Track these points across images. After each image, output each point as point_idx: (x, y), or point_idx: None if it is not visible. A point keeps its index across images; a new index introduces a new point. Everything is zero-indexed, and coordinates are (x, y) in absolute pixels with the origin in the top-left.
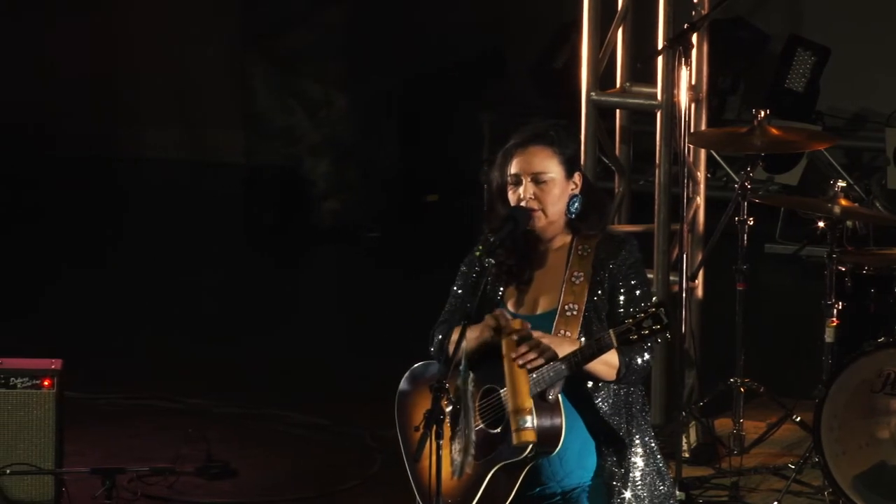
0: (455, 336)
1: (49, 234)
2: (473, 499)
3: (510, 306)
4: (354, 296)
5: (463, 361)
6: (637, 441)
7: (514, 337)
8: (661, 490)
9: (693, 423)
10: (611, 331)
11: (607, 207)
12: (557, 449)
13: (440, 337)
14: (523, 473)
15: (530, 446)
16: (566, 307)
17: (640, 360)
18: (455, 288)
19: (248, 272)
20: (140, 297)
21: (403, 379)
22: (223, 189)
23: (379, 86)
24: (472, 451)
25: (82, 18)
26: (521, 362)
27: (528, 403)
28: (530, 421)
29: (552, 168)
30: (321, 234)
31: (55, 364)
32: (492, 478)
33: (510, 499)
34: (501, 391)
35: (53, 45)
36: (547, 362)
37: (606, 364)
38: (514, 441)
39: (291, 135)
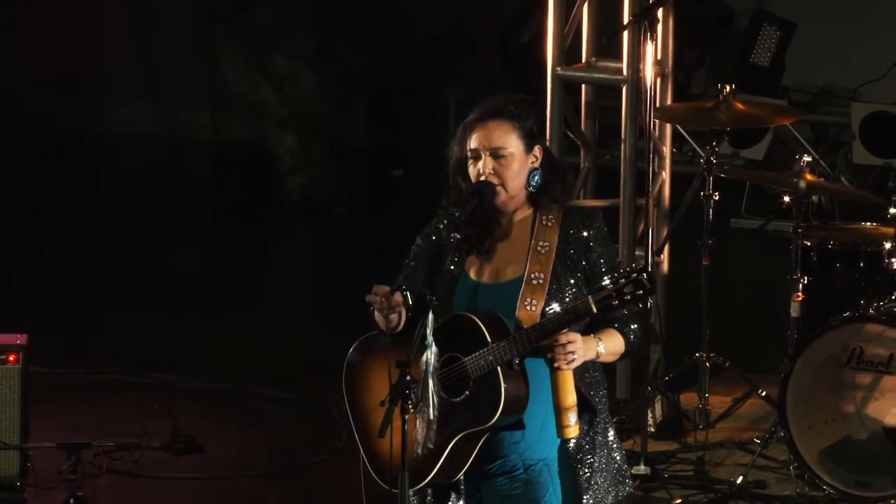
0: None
1: (14, 210)
2: (434, 468)
3: (472, 275)
4: (322, 271)
5: (429, 337)
6: (598, 415)
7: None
8: (616, 460)
9: (659, 397)
10: (589, 297)
11: (569, 180)
12: (520, 416)
13: None
14: (482, 441)
15: (498, 415)
16: (532, 276)
17: (633, 327)
18: (408, 261)
19: (217, 247)
20: (108, 273)
21: (352, 350)
22: (191, 164)
23: (346, 61)
24: (434, 425)
25: None
26: (563, 364)
27: (573, 401)
28: (574, 418)
29: (511, 143)
30: (288, 209)
31: (21, 339)
32: (453, 446)
33: (466, 466)
34: (466, 359)
35: (20, 23)
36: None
37: (613, 354)
38: (560, 435)
39: (258, 110)
